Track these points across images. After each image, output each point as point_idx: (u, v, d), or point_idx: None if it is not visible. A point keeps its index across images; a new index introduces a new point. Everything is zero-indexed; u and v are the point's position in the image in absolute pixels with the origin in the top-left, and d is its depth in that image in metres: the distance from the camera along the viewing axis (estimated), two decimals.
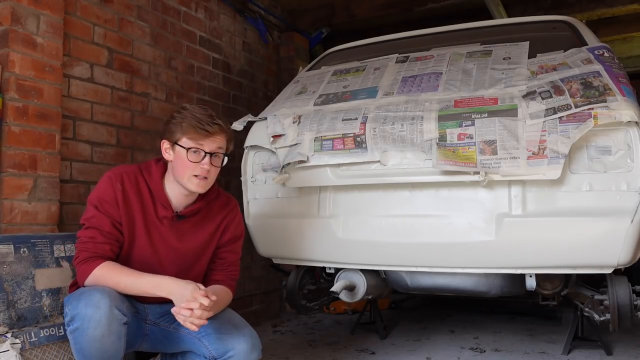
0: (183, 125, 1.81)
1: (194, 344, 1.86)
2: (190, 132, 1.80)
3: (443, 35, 2.99)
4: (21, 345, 1.86)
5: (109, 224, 1.80)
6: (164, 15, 3.23)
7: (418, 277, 2.60)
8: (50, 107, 2.41)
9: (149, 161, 1.97)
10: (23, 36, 2.31)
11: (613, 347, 2.95)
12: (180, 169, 1.83)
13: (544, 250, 2.17)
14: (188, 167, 1.81)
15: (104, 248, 1.78)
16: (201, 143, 1.81)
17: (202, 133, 1.80)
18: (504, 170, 2.12)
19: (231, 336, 1.81)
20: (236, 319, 1.90)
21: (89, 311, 1.63)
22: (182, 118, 1.82)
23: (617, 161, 2.09)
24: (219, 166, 1.88)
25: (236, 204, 2.09)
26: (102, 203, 1.81)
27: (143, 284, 1.74)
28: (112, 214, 1.81)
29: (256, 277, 4.00)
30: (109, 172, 1.88)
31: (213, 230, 1.99)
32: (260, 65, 4.25)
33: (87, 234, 1.80)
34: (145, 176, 1.90)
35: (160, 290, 1.72)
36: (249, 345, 1.81)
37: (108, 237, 1.80)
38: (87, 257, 1.76)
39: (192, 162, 1.81)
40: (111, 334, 1.65)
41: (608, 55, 2.31)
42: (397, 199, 2.40)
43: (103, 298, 1.64)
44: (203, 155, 1.81)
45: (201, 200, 1.94)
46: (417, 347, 3.11)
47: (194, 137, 1.80)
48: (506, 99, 2.21)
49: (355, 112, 2.41)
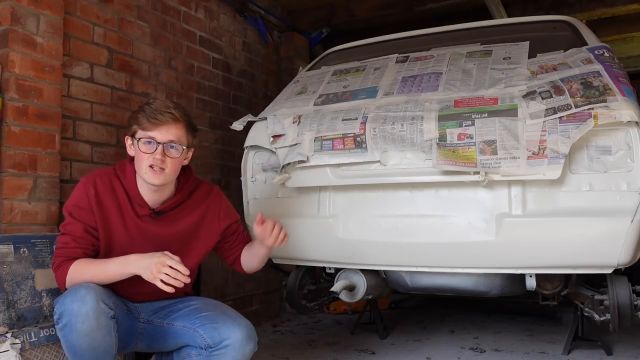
0: (138, 117, 1.82)
1: (189, 335, 1.85)
2: (142, 123, 1.81)
3: (443, 35, 2.99)
4: (21, 345, 1.86)
5: (82, 230, 1.81)
6: (164, 15, 3.23)
7: (418, 277, 2.60)
8: (50, 107, 2.41)
9: (123, 161, 1.96)
10: (23, 36, 2.31)
11: (613, 347, 2.95)
12: (137, 162, 1.84)
13: (544, 250, 2.17)
14: (143, 159, 1.81)
15: (76, 252, 1.80)
16: (152, 133, 1.81)
17: (153, 122, 1.80)
18: (504, 170, 2.12)
19: (226, 325, 1.81)
20: (231, 311, 1.91)
21: (75, 306, 1.63)
22: (139, 111, 1.84)
23: (617, 161, 2.09)
24: (175, 157, 1.84)
25: (218, 191, 2.10)
26: (76, 209, 1.82)
27: (113, 267, 1.75)
28: (85, 220, 1.82)
29: (256, 277, 4.00)
30: (83, 177, 1.88)
31: (198, 219, 1.99)
32: (260, 65, 4.25)
33: (62, 240, 1.82)
34: (120, 176, 1.90)
35: (128, 266, 1.73)
36: (244, 335, 1.80)
37: (80, 242, 1.81)
38: (60, 262, 1.78)
39: (145, 152, 1.80)
40: (100, 328, 1.65)
41: (608, 55, 2.31)
42: (397, 199, 2.40)
43: (88, 293, 1.65)
44: (156, 146, 1.80)
45: (178, 193, 1.94)
46: (417, 347, 3.11)
47: (146, 127, 1.80)
48: (506, 99, 2.21)
49: (355, 112, 2.41)
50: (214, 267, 3.51)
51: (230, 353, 1.79)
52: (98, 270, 1.76)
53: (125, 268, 1.74)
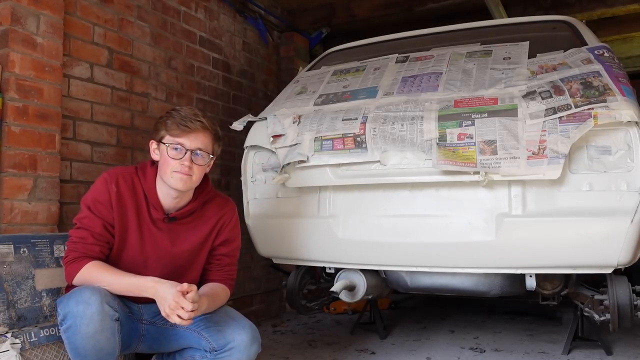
0: (167, 122, 1.83)
1: (194, 338, 1.86)
2: (172, 129, 1.81)
3: (443, 35, 2.99)
4: (21, 345, 1.86)
5: (101, 226, 1.80)
6: (164, 15, 3.23)
7: (418, 277, 2.60)
8: (50, 107, 2.41)
9: (145, 162, 1.96)
10: (23, 36, 2.31)
11: (613, 347, 2.95)
12: (163, 167, 1.84)
13: (544, 250, 2.17)
14: (170, 164, 1.82)
15: (93, 249, 1.79)
16: (182, 140, 1.82)
17: (184, 129, 1.81)
18: (504, 170, 2.12)
19: (231, 328, 1.82)
20: (235, 313, 1.91)
21: (80, 308, 1.63)
22: (168, 117, 1.84)
23: (617, 161, 2.09)
24: (201, 165, 1.86)
25: (233, 206, 2.07)
26: (96, 204, 1.82)
27: (127, 284, 1.75)
28: (104, 216, 1.81)
29: (256, 277, 4.00)
30: (105, 173, 1.88)
31: (208, 231, 1.98)
32: (260, 65, 4.25)
33: (78, 234, 1.80)
34: (141, 177, 1.90)
35: (144, 292, 1.72)
36: (249, 337, 1.81)
37: (98, 239, 1.80)
38: (76, 257, 1.77)
39: (173, 158, 1.81)
40: (104, 330, 1.65)
41: (608, 55, 2.31)
42: (397, 199, 2.40)
43: (93, 295, 1.65)
44: (184, 152, 1.82)
45: (194, 201, 1.94)
46: (417, 347, 3.11)
47: (176, 133, 1.81)
48: (506, 99, 2.21)
49: (355, 112, 2.41)
50: None
51: (235, 355, 1.80)
52: (113, 280, 1.74)
53: (141, 290, 1.73)
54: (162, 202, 1.89)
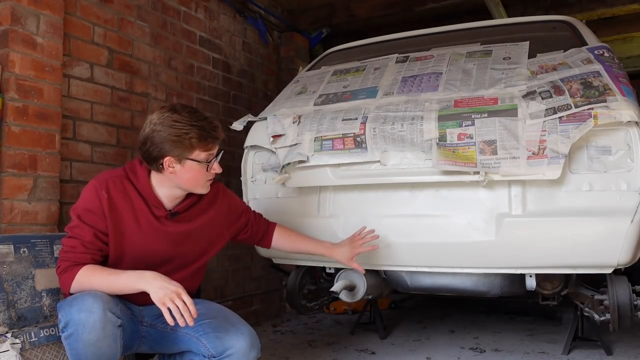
0: (192, 141, 1.77)
1: (192, 343, 1.86)
2: (202, 145, 1.80)
3: (443, 35, 2.99)
4: (21, 345, 1.86)
5: (91, 235, 1.76)
6: (163, 15, 3.23)
7: (418, 277, 2.60)
8: (50, 107, 2.41)
9: (132, 162, 1.93)
10: (23, 36, 2.31)
11: (613, 347, 2.95)
12: (193, 181, 1.84)
13: (544, 250, 2.16)
14: (203, 176, 1.85)
15: (84, 257, 1.75)
16: (214, 149, 1.85)
17: (213, 141, 1.83)
18: (504, 170, 2.12)
19: (229, 334, 1.81)
20: (234, 318, 1.90)
21: (82, 316, 1.61)
22: (186, 133, 1.76)
23: (617, 161, 2.09)
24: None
25: (223, 188, 2.12)
26: (86, 213, 1.78)
27: (125, 279, 1.69)
28: (95, 224, 1.77)
29: (256, 277, 4.01)
30: (93, 180, 1.84)
31: (210, 219, 2.00)
32: (260, 65, 4.25)
33: (69, 243, 1.77)
34: (132, 179, 1.86)
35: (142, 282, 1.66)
36: (247, 344, 1.81)
37: (89, 247, 1.76)
38: (67, 266, 1.74)
39: (216, 170, 1.87)
40: (106, 337, 1.63)
41: (608, 55, 2.31)
42: (397, 199, 2.40)
43: (96, 302, 1.62)
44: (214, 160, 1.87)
45: (192, 196, 1.95)
46: (417, 347, 3.11)
47: (207, 148, 1.82)
48: (506, 99, 2.21)
49: (355, 112, 2.41)
50: (214, 267, 3.52)
51: None
52: (108, 280, 1.71)
53: (137, 283, 1.67)
54: (163, 201, 1.89)
